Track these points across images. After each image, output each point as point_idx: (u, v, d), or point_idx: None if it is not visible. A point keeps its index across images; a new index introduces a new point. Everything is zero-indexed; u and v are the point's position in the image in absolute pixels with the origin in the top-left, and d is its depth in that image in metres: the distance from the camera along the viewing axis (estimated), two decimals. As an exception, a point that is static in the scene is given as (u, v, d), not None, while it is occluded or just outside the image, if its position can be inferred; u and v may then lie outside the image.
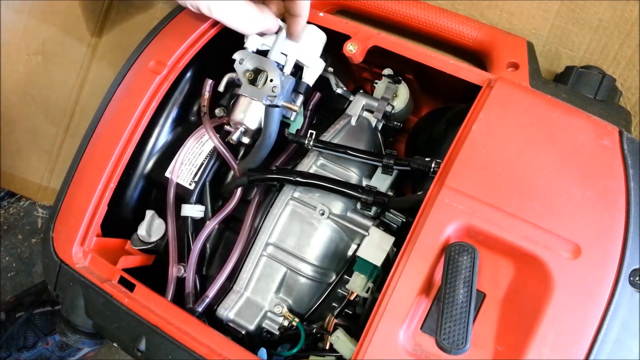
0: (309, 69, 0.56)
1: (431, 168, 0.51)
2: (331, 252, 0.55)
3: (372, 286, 0.52)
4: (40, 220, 1.03)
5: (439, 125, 0.59)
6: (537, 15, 0.62)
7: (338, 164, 0.57)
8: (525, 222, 0.42)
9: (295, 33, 0.53)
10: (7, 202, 1.03)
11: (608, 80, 0.52)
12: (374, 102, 0.59)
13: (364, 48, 0.55)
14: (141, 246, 0.60)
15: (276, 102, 0.52)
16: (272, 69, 0.52)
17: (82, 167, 0.57)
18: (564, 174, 0.43)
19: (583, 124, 0.45)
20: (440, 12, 0.61)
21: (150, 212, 0.60)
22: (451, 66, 0.52)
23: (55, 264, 0.55)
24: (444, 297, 0.40)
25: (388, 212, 0.56)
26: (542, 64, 0.60)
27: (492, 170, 0.44)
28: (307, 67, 0.55)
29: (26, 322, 0.87)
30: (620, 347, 0.40)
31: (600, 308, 0.40)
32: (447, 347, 0.39)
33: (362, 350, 0.43)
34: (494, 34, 0.58)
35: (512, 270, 0.44)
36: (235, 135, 0.56)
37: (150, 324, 0.50)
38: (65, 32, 0.85)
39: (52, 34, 0.85)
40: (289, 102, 0.53)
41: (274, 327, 0.54)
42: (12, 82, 0.87)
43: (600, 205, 0.42)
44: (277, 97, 0.52)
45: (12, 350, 0.85)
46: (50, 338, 0.87)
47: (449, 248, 0.42)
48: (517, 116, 0.46)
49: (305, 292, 0.55)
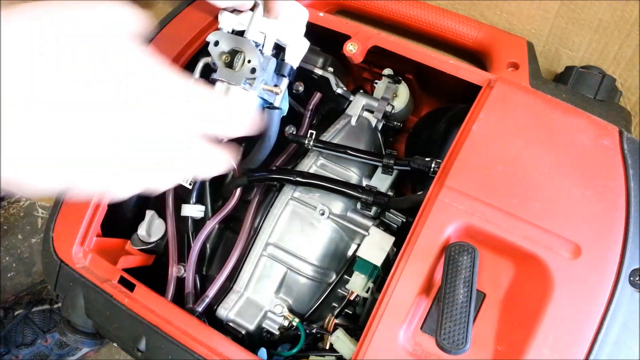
0: (292, 49, 0.50)
1: (431, 168, 0.51)
2: (331, 252, 0.55)
3: (372, 286, 0.52)
4: (40, 220, 1.02)
5: (439, 125, 0.59)
6: (537, 15, 0.62)
7: (338, 164, 0.57)
8: (525, 222, 0.42)
9: (274, 9, 0.48)
10: (7, 202, 1.03)
11: (608, 80, 0.52)
12: (374, 102, 0.59)
13: (364, 48, 0.55)
14: (141, 246, 0.60)
15: (256, 85, 0.48)
16: (249, 49, 0.47)
17: (82, 167, 0.57)
18: (564, 174, 0.44)
19: (583, 124, 0.45)
20: (440, 12, 0.61)
21: (150, 212, 0.60)
22: (451, 66, 0.52)
23: (55, 264, 0.55)
24: (444, 297, 0.40)
25: (388, 212, 0.56)
26: (542, 64, 0.60)
27: (492, 170, 0.44)
28: (289, 46, 0.50)
29: (24, 319, 0.87)
30: (620, 347, 0.40)
31: (600, 308, 0.40)
32: (447, 347, 0.39)
33: (362, 350, 0.43)
34: (494, 34, 0.58)
35: (512, 270, 0.44)
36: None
37: (150, 324, 0.50)
38: (65, 32, 0.85)
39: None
40: (270, 86, 0.49)
41: (274, 327, 0.54)
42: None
43: (600, 205, 0.42)
44: (256, 79, 0.47)
45: (11, 347, 0.85)
46: (49, 336, 0.87)
47: (449, 248, 0.42)
48: (517, 116, 0.46)
49: (305, 292, 0.55)
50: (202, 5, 0.61)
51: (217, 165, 0.37)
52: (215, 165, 0.37)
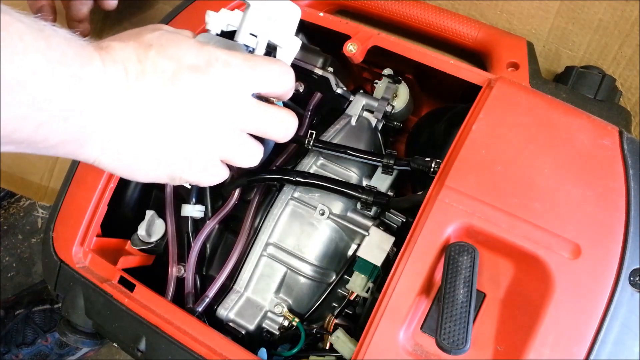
0: (284, 50, 0.48)
1: (431, 168, 0.51)
2: (331, 252, 0.55)
3: (372, 286, 0.52)
4: (40, 220, 1.03)
5: (439, 125, 0.59)
6: (537, 15, 0.62)
7: (338, 164, 0.57)
8: (525, 222, 0.42)
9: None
10: (7, 202, 1.03)
11: (608, 80, 0.52)
12: (374, 102, 0.59)
13: (364, 48, 0.55)
14: (141, 246, 0.60)
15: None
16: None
17: (82, 167, 0.57)
18: (564, 174, 0.43)
19: (583, 124, 0.45)
20: (440, 12, 0.61)
21: (150, 212, 0.60)
22: (451, 66, 0.52)
23: (55, 264, 0.55)
24: (444, 297, 0.40)
25: (388, 212, 0.56)
26: (542, 64, 0.60)
27: (492, 170, 0.44)
28: (281, 47, 0.48)
29: (25, 319, 0.87)
30: (621, 348, 0.40)
31: (601, 308, 0.40)
32: (447, 347, 0.39)
33: (362, 350, 0.43)
34: (494, 34, 0.58)
35: (512, 271, 0.44)
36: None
37: (150, 324, 0.50)
38: (65, 32, 0.85)
39: (52, 33, 0.85)
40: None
41: (274, 327, 0.54)
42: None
43: (600, 205, 0.42)
44: None
45: (12, 346, 0.85)
46: (50, 335, 0.87)
47: (449, 248, 0.42)
48: (517, 116, 0.46)
49: (305, 292, 0.55)
50: (202, 5, 0.60)
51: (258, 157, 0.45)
52: (257, 156, 0.45)
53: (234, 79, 0.39)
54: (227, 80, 0.39)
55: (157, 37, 0.37)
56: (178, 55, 0.37)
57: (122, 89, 0.35)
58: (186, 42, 0.38)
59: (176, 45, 0.37)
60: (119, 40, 0.36)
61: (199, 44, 0.39)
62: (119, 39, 0.37)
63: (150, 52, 0.36)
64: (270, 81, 0.42)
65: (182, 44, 0.38)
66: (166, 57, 0.36)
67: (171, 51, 0.37)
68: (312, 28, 0.59)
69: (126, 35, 0.38)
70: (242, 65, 0.40)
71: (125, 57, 0.35)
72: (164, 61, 0.36)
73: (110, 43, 0.36)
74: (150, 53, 0.36)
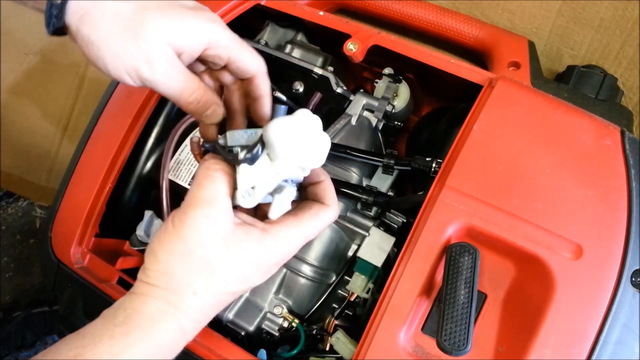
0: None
1: (432, 168, 0.50)
2: (331, 253, 0.55)
3: (373, 287, 0.52)
4: (39, 220, 1.02)
5: (439, 125, 0.59)
6: (539, 14, 0.62)
7: (338, 164, 0.57)
8: (527, 223, 0.42)
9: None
10: (5, 202, 1.03)
11: (610, 79, 0.52)
12: (374, 101, 0.59)
13: (364, 47, 0.55)
14: (140, 247, 0.59)
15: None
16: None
17: (80, 167, 0.57)
18: (566, 174, 0.43)
19: (584, 124, 0.45)
20: (441, 11, 0.61)
21: (149, 212, 0.59)
22: (452, 65, 0.51)
23: (53, 264, 0.54)
24: (444, 298, 0.40)
25: (388, 212, 0.55)
26: (543, 63, 0.60)
27: (494, 170, 0.44)
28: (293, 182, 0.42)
29: (24, 321, 0.87)
30: (622, 348, 0.40)
31: (602, 309, 0.40)
32: (448, 348, 0.38)
33: (362, 352, 0.43)
34: (495, 33, 0.58)
35: (514, 271, 0.44)
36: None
37: (149, 325, 0.49)
38: (64, 32, 0.85)
39: (51, 33, 0.85)
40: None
41: (273, 328, 0.54)
42: (11, 81, 0.86)
43: (601, 205, 0.42)
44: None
45: (11, 349, 0.85)
46: (49, 338, 0.87)
47: (449, 248, 0.42)
48: (518, 116, 0.46)
49: (305, 293, 0.55)
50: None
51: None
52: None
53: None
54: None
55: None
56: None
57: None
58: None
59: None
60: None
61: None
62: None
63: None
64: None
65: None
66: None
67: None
68: (312, 27, 0.59)
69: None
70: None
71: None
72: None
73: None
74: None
